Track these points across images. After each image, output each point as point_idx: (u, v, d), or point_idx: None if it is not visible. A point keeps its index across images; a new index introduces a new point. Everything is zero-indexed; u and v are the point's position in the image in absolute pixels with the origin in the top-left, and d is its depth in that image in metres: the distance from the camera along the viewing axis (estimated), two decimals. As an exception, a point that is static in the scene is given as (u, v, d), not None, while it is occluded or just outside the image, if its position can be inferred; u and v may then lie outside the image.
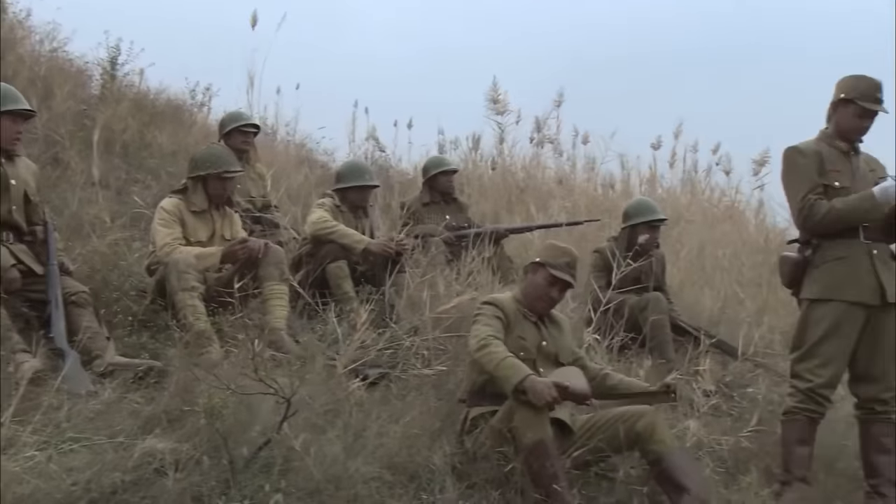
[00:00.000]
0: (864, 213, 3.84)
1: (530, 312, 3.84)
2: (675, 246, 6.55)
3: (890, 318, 3.92)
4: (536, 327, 3.85)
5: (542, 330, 3.86)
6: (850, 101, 3.93)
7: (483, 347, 3.58)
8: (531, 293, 3.87)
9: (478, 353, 3.60)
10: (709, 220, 7.55)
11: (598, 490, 3.66)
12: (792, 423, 3.95)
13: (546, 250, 3.95)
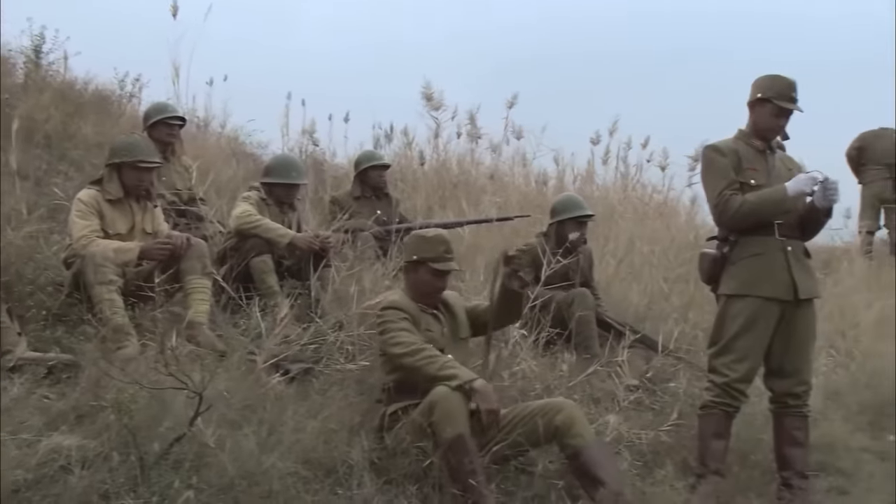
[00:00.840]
0: (776, 206, 3.91)
1: (426, 307, 3.86)
2: (601, 242, 6.60)
3: (802, 314, 4.01)
4: (436, 318, 3.89)
5: (441, 318, 3.90)
6: (767, 101, 4.01)
7: (415, 353, 3.61)
8: (421, 290, 3.88)
9: (410, 360, 3.61)
10: (640, 216, 7.63)
11: (517, 484, 3.68)
12: (708, 417, 4.02)
13: (420, 245, 3.90)
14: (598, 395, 4.70)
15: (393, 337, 3.67)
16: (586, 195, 8.08)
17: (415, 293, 3.89)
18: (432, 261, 3.84)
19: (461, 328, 3.95)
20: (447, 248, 3.89)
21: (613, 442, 4.17)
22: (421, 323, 3.79)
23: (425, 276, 3.86)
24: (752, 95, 4.09)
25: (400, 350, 3.64)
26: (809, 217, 4.01)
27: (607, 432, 4.19)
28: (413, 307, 3.81)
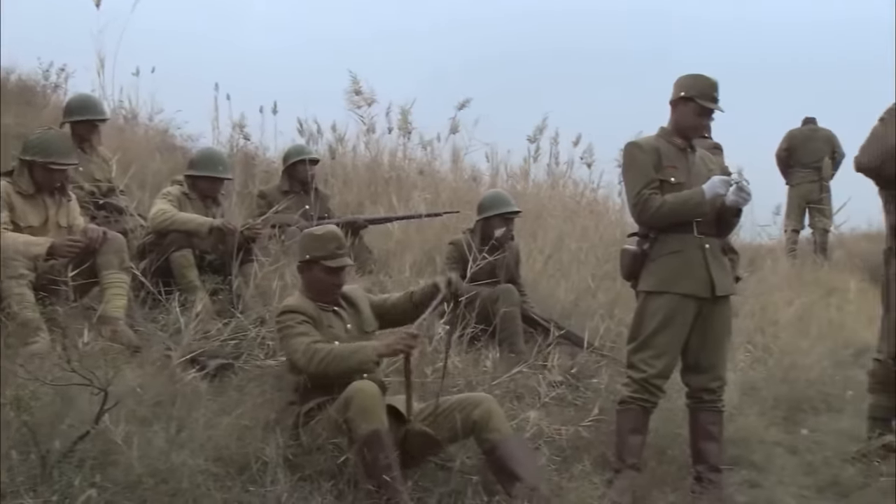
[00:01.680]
0: (694, 207, 3.97)
1: (325, 305, 3.84)
2: (528, 239, 6.64)
3: (719, 311, 4.07)
4: (337, 314, 3.86)
5: (343, 314, 3.88)
6: (690, 100, 4.06)
7: (315, 355, 3.56)
8: (317, 288, 3.84)
9: (314, 366, 3.57)
10: (569, 213, 7.69)
11: (434, 480, 3.68)
12: (626, 413, 4.06)
13: (311, 244, 3.85)
14: (521, 391, 4.72)
15: (292, 343, 3.64)
16: (518, 192, 8.15)
17: (312, 292, 3.85)
18: (324, 258, 3.79)
19: (366, 322, 3.93)
20: (339, 244, 3.85)
21: (533, 437, 4.21)
22: (322, 322, 3.75)
23: (319, 275, 3.82)
24: (674, 94, 4.14)
25: (298, 357, 3.60)
26: (723, 213, 4.07)
27: (527, 428, 4.23)
28: (311, 307, 3.77)
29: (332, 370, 3.56)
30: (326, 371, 3.56)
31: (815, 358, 5.81)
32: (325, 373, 3.57)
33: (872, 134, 4.45)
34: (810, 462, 4.38)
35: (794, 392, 5.35)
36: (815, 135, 9.63)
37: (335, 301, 3.90)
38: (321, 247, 3.81)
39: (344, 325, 3.85)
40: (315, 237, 3.87)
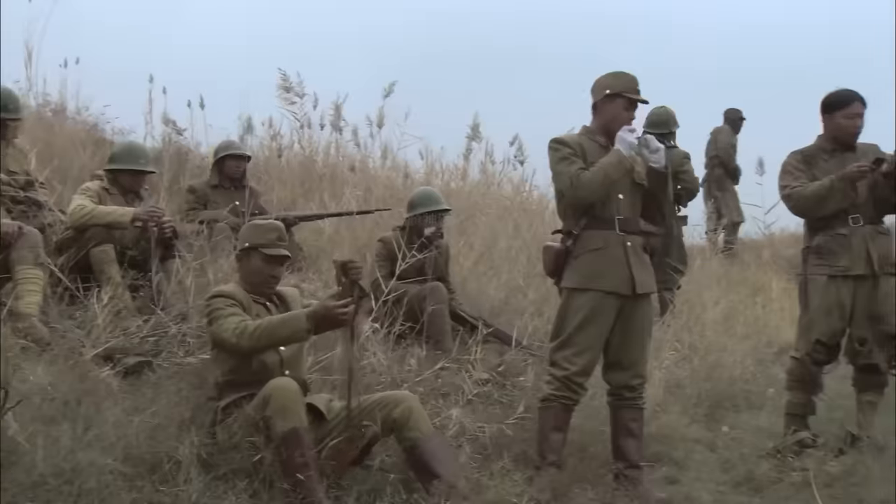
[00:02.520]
0: (618, 167, 3.97)
1: (259, 297, 3.81)
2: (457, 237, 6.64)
3: (640, 309, 4.11)
4: (267, 309, 3.83)
5: (274, 310, 3.85)
6: (617, 95, 4.09)
7: (245, 330, 3.54)
8: (254, 279, 3.84)
9: (245, 340, 3.53)
10: (503, 212, 7.72)
11: (353, 478, 3.66)
12: (548, 410, 4.08)
13: (252, 233, 3.88)
14: (447, 389, 4.72)
15: (221, 324, 3.60)
16: (452, 190, 8.16)
17: (248, 283, 3.84)
18: (263, 247, 3.80)
19: None
20: (280, 235, 3.87)
21: (456, 435, 4.21)
22: (251, 311, 3.73)
23: (257, 264, 3.82)
24: (598, 95, 4.16)
25: (227, 336, 3.56)
26: (653, 178, 4.08)
27: (450, 426, 4.23)
28: (244, 296, 3.75)
29: (265, 342, 3.54)
30: (258, 344, 3.54)
31: (738, 356, 5.91)
32: (257, 346, 3.55)
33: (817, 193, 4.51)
34: (728, 458, 4.44)
35: (716, 390, 5.43)
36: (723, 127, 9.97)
37: (269, 295, 3.87)
38: (261, 235, 3.84)
39: None
40: (257, 226, 3.93)
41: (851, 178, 4.42)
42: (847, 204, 4.49)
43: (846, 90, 4.59)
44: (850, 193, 4.46)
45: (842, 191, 4.45)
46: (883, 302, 4.53)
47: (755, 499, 3.95)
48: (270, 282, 3.85)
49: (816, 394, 4.68)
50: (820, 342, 4.55)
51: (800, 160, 4.65)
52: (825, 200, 4.49)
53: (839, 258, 4.53)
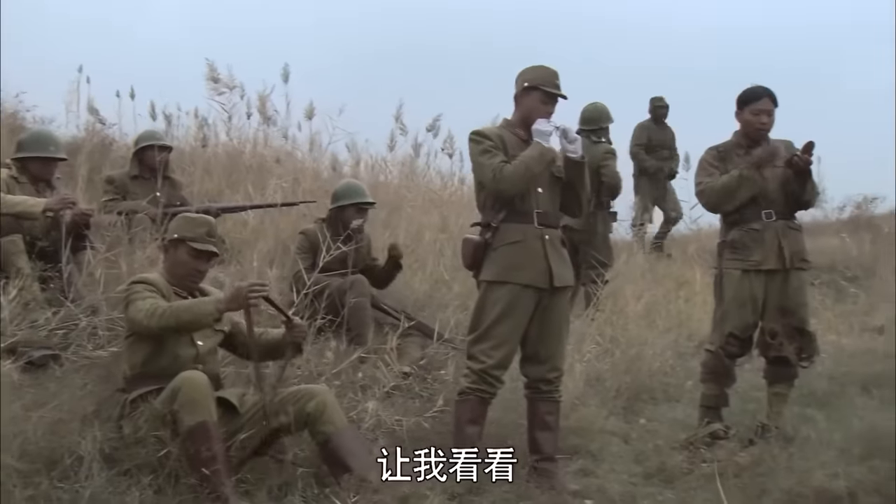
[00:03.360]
0: (539, 159, 3.97)
1: (181, 290, 3.75)
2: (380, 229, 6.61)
3: (557, 302, 4.13)
4: None
5: None
6: (535, 88, 4.10)
7: (156, 311, 3.51)
8: (178, 271, 3.80)
9: (155, 320, 3.50)
10: (428, 204, 7.71)
11: (265, 472, 3.62)
12: (464, 403, 4.08)
13: (181, 225, 3.85)
14: (366, 382, 4.70)
15: (137, 306, 3.55)
16: (379, 183, 8.13)
17: (172, 274, 3.80)
18: (192, 240, 3.76)
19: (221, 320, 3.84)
20: (210, 230, 3.84)
21: (372, 429, 4.19)
22: (171, 301, 3.67)
23: (184, 256, 3.78)
24: (518, 87, 4.17)
25: (140, 317, 3.52)
26: (570, 169, 4.11)
27: (366, 419, 4.21)
28: (165, 286, 3.71)
29: (172, 323, 3.51)
30: (166, 325, 3.50)
31: (658, 349, 5.98)
32: (165, 327, 3.51)
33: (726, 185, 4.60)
34: (642, 450, 4.49)
35: (636, 383, 5.49)
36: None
37: (192, 290, 3.81)
38: (191, 229, 3.80)
39: None
40: (188, 219, 3.89)
41: (756, 164, 4.52)
42: (757, 191, 4.57)
43: (758, 87, 4.68)
44: (759, 181, 4.55)
45: (751, 179, 4.54)
46: (793, 296, 4.63)
47: (666, 490, 4.00)
48: (195, 276, 3.79)
49: (730, 386, 4.76)
50: (733, 335, 4.64)
51: (715, 156, 4.73)
52: (735, 192, 4.57)
53: (752, 253, 4.61)
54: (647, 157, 9.45)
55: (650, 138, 9.52)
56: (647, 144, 9.47)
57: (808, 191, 4.63)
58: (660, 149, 9.48)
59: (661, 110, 9.63)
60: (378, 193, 7.83)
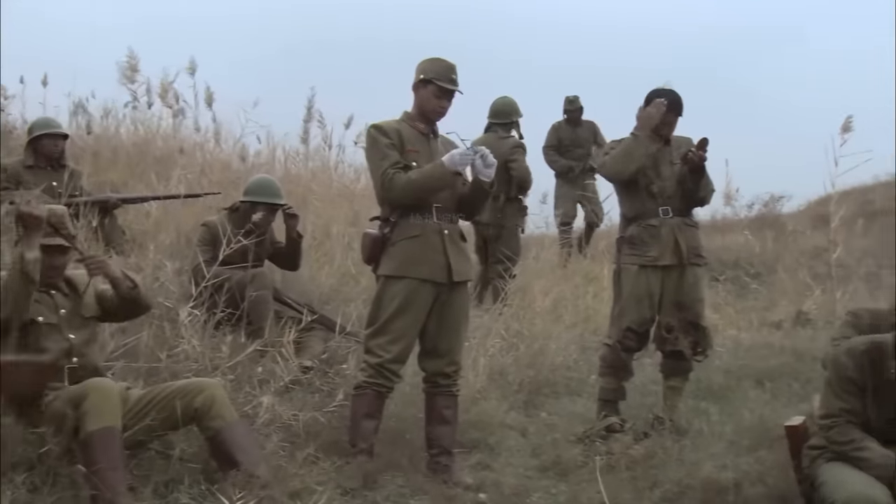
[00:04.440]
0: (439, 180, 3.98)
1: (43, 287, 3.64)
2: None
3: (456, 297, 4.12)
4: (51, 297, 3.69)
5: (58, 297, 3.71)
6: (429, 82, 4.08)
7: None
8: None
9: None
10: (338, 197, 7.65)
11: (151, 468, 3.54)
12: (361, 398, 4.05)
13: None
14: (264, 376, 4.62)
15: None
16: (291, 175, 8.05)
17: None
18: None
19: (86, 307, 3.76)
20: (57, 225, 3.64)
21: (267, 423, 4.13)
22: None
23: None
24: (415, 78, 4.15)
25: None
26: (476, 190, 4.11)
27: (261, 414, 4.14)
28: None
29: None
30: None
31: (563, 343, 6.03)
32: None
33: (625, 148, 4.68)
34: (540, 444, 4.52)
35: (539, 377, 5.53)
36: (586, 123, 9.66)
37: (51, 284, 3.69)
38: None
39: (55, 307, 3.67)
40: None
41: (646, 122, 4.64)
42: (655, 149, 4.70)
43: (660, 89, 4.76)
44: (654, 141, 4.69)
45: (646, 140, 4.66)
46: (689, 291, 4.73)
47: (560, 483, 4.03)
48: (49, 273, 3.65)
49: (627, 380, 4.84)
50: (630, 329, 4.71)
51: (614, 143, 4.87)
52: (633, 153, 4.67)
53: (649, 248, 4.69)
54: (558, 157, 9.31)
55: (561, 139, 9.36)
56: (557, 145, 9.31)
57: (702, 187, 4.73)
58: (573, 148, 9.28)
59: (573, 113, 9.41)
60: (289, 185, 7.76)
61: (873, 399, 3.39)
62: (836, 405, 3.40)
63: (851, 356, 3.41)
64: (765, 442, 4.21)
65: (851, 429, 3.36)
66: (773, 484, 3.75)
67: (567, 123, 9.35)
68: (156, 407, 3.56)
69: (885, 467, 3.27)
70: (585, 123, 9.36)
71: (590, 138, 9.40)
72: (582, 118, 9.38)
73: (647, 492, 3.85)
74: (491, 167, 4.04)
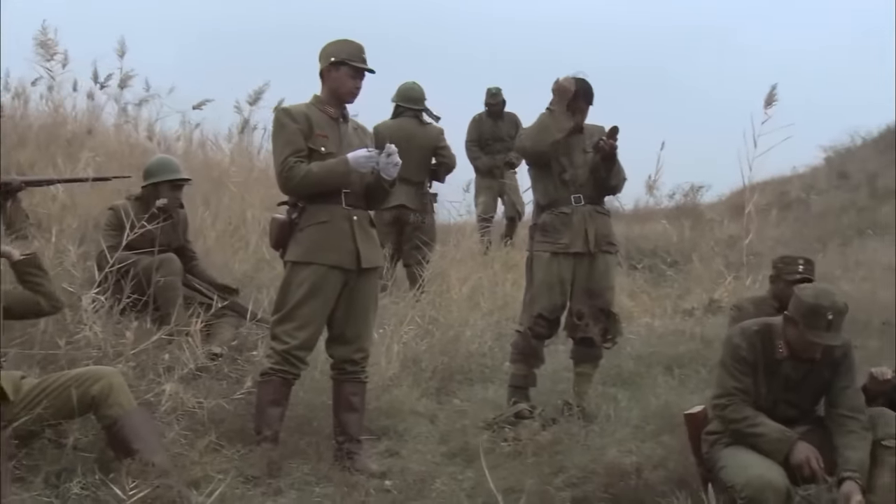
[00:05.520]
0: (339, 177, 3.96)
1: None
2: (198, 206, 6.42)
3: (365, 283, 4.09)
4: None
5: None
6: (342, 63, 4.03)
7: None
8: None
9: None
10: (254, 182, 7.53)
11: (43, 457, 3.43)
12: (267, 385, 4.00)
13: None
14: (171, 363, 4.52)
15: None
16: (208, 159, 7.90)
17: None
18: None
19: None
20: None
21: (169, 411, 4.04)
22: None
23: None
24: (324, 62, 4.09)
25: None
26: (376, 186, 4.09)
27: (163, 401, 4.05)
28: None
29: None
30: None
31: (478, 331, 6.04)
32: None
33: (540, 122, 4.70)
34: (449, 430, 4.51)
35: (453, 364, 5.53)
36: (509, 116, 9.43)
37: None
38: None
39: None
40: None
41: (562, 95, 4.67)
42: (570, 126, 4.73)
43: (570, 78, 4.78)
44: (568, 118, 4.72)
45: (560, 115, 4.68)
46: (599, 279, 4.77)
47: (467, 469, 4.03)
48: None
49: (538, 366, 4.86)
50: (542, 316, 4.73)
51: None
52: (548, 128, 4.68)
53: (561, 236, 4.72)
54: (481, 154, 9.06)
55: (481, 133, 9.12)
56: (478, 139, 9.08)
57: (613, 175, 4.77)
58: (493, 142, 9.04)
59: (495, 106, 9.11)
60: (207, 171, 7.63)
61: (764, 378, 3.51)
62: (729, 384, 3.49)
63: (745, 337, 3.52)
64: (668, 427, 4.27)
65: (744, 407, 3.47)
66: (673, 468, 3.81)
67: (489, 116, 9.07)
68: (50, 395, 3.46)
69: (781, 441, 3.38)
70: (507, 116, 9.10)
71: (511, 132, 8.92)
72: (504, 111, 9.14)
73: (552, 477, 3.88)
74: (397, 167, 4.03)
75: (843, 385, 3.55)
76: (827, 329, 3.37)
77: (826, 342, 3.39)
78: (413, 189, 6.61)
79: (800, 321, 3.40)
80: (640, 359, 5.80)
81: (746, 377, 3.48)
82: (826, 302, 3.37)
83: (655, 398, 4.79)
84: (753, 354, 3.49)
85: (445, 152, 6.88)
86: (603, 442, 4.21)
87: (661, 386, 5.14)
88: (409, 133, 6.52)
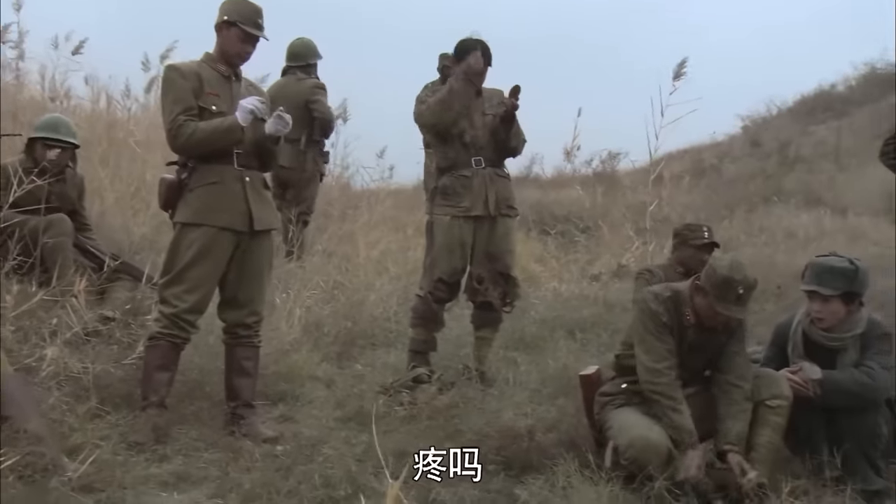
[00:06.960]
0: (227, 135, 3.83)
1: None
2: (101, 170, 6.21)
3: (258, 246, 3.99)
4: None
5: None
6: (233, 24, 3.90)
7: None
8: None
9: None
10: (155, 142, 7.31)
11: None
12: (154, 349, 3.88)
13: None
14: (57, 327, 4.37)
15: None
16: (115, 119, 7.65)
17: None
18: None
19: None
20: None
21: (51, 376, 3.90)
22: None
23: None
24: (218, 18, 3.95)
25: None
26: (262, 144, 3.98)
27: (44, 367, 3.91)
28: None
29: None
30: None
31: (384, 295, 5.99)
32: None
33: (441, 98, 4.62)
34: (346, 395, 4.45)
35: (356, 328, 5.47)
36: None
37: None
38: None
39: None
40: None
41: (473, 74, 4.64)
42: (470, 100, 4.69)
43: (468, 39, 4.71)
44: (470, 90, 4.68)
45: (464, 89, 4.64)
46: (499, 242, 4.74)
47: (361, 433, 3.98)
48: None
49: (438, 331, 4.84)
50: (442, 280, 4.69)
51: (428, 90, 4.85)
52: (450, 102, 4.64)
53: (462, 199, 4.68)
54: None
55: None
56: None
57: (513, 136, 4.73)
58: None
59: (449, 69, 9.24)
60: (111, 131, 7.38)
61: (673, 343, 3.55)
62: (661, 349, 3.52)
63: (660, 302, 3.55)
64: (565, 390, 4.30)
65: (678, 388, 3.50)
66: (565, 430, 3.83)
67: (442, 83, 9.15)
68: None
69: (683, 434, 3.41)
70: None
71: None
72: None
73: (445, 440, 3.85)
74: (287, 126, 3.93)
75: (734, 350, 3.62)
76: (735, 302, 3.43)
77: (733, 315, 3.46)
78: (289, 146, 6.42)
79: (710, 292, 3.45)
80: (543, 323, 5.82)
81: (672, 339, 3.54)
82: (738, 276, 3.43)
83: (555, 361, 4.82)
84: (670, 319, 3.54)
85: (316, 106, 6.67)
86: (499, 405, 4.21)
87: (563, 349, 5.17)
88: (283, 89, 6.39)
